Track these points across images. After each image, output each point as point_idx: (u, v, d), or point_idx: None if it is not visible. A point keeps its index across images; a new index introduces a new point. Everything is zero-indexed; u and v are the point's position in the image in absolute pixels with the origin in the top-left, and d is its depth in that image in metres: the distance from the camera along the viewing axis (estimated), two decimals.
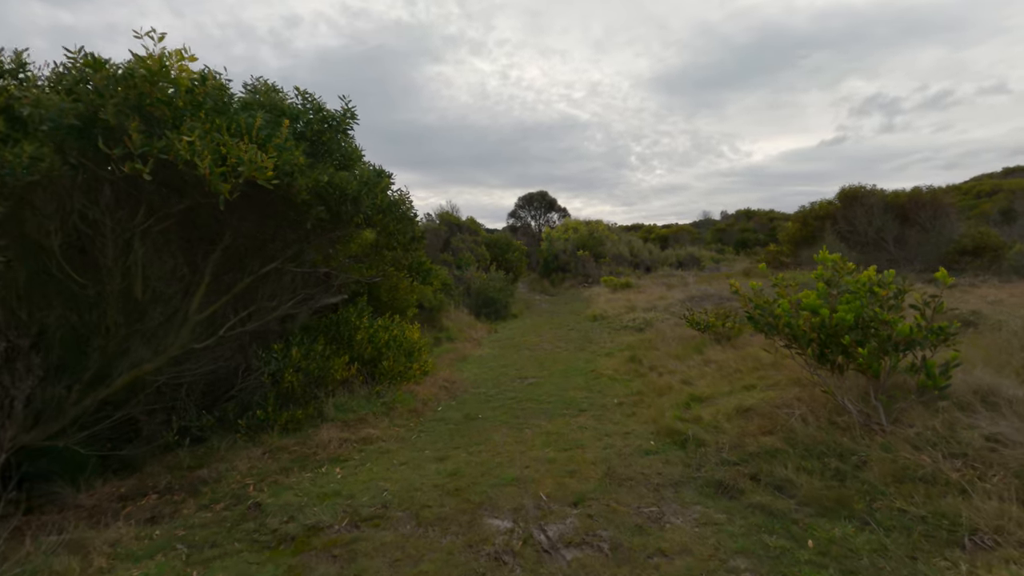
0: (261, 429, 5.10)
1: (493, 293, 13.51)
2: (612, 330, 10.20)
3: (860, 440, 3.49)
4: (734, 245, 31.64)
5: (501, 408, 5.73)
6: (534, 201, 37.61)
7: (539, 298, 18.55)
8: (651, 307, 11.63)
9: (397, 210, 5.29)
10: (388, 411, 5.65)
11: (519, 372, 7.41)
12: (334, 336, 6.63)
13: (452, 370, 7.78)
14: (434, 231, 15.74)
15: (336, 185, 4.86)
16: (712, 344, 6.84)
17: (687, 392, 5.08)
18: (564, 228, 24.59)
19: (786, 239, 17.96)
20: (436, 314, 11.50)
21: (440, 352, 9.14)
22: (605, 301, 14.06)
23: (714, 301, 10.81)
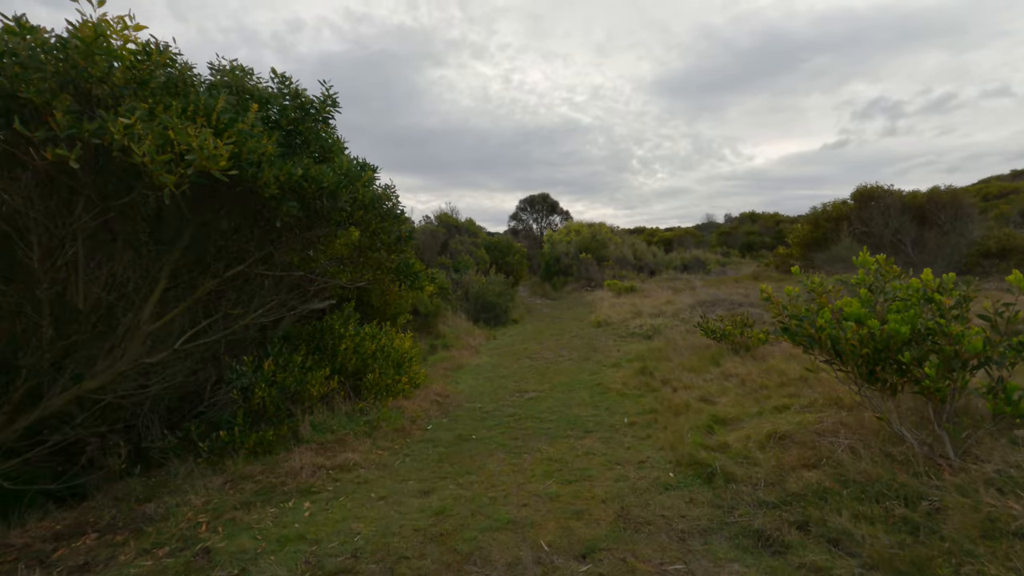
0: (225, 452, 4.52)
1: (492, 298, 12.94)
2: (618, 337, 9.61)
3: (926, 479, 2.89)
4: (740, 248, 31.04)
5: (498, 427, 5.14)
6: (536, 203, 37.07)
7: (540, 302, 17.96)
8: (658, 313, 11.04)
9: (381, 206, 4.72)
10: (371, 431, 5.07)
11: (518, 384, 6.82)
12: (317, 346, 6.08)
13: (446, 382, 7.20)
14: (431, 233, 15.19)
15: (311, 178, 4.30)
16: (730, 355, 6.25)
17: (708, 412, 4.48)
18: (566, 231, 24.01)
19: (796, 241, 17.36)
20: (432, 320, 10.93)
21: (434, 361, 8.56)
22: (609, 306, 13.47)
23: (726, 307, 10.22)
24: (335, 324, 6.22)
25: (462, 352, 9.34)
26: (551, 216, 37.78)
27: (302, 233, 4.75)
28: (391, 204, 5.04)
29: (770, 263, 18.43)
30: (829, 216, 15.69)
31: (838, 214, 15.32)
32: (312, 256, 5.56)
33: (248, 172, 3.75)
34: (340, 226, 5.00)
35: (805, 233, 16.69)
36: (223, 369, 5.15)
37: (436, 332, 10.66)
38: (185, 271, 4.31)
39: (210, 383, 5.17)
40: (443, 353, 9.14)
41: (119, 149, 3.16)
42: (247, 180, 3.84)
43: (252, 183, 3.88)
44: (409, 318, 9.55)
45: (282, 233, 4.50)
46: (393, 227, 4.97)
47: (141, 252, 4.10)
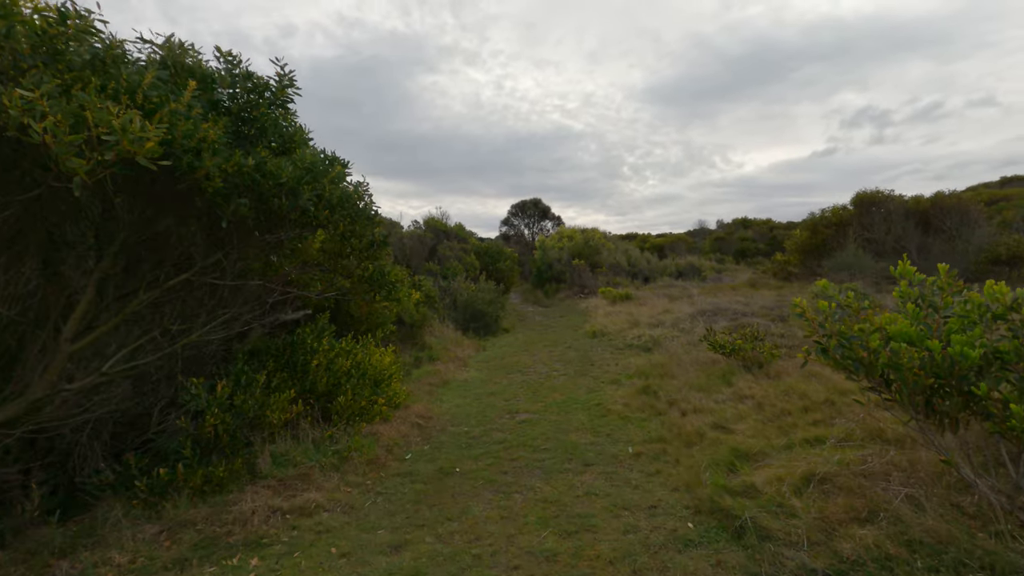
0: (167, 492, 3.87)
1: (482, 306, 12.33)
2: (615, 349, 9.03)
3: (1012, 541, 2.33)
4: (733, 254, 30.69)
5: (485, 457, 4.53)
6: (527, 209, 36.59)
7: (532, 310, 17.38)
8: (657, 322, 10.49)
9: (351, 206, 4.12)
10: (341, 463, 4.43)
11: (509, 404, 6.21)
12: (287, 362, 5.45)
13: (430, 400, 6.57)
14: (419, 238, 14.56)
15: (267, 172, 3.69)
16: (741, 372, 5.69)
17: (726, 443, 3.90)
18: (559, 236, 23.48)
19: (794, 248, 16.94)
20: (417, 330, 10.30)
21: (419, 376, 7.93)
22: (604, 315, 12.91)
23: (728, 317, 9.69)
24: (307, 338, 5.60)
25: (449, 365, 8.72)
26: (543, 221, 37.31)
27: (260, 236, 4.12)
28: (364, 204, 4.44)
29: (767, 270, 18.01)
30: (828, 222, 15.29)
31: (838, 220, 14.91)
32: (276, 263, 4.94)
33: (184, 161, 3.13)
34: (308, 229, 4.38)
35: (803, 240, 16.27)
36: (178, 390, 4.52)
37: (422, 343, 10.03)
38: (116, 281, 3.67)
39: (159, 406, 4.53)
40: (428, 367, 8.52)
41: (16, 128, 2.55)
42: (183, 171, 3.23)
43: (190, 175, 3.27)
44: (393, 329, 8.92)
45: (234, 236, 3.88)
46: (365, 230, 4.36)
47: (60, 259, 3.46)
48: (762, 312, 9.86)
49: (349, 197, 4.09)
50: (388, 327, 8.82)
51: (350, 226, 4.22)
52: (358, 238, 4.28)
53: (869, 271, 10.52)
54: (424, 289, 11.58)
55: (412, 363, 8.83)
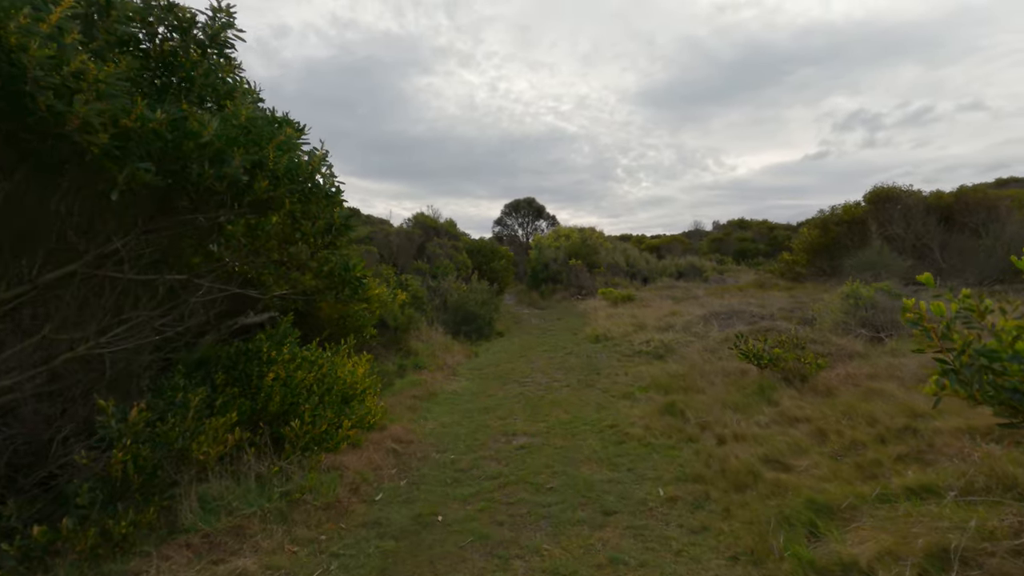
0: (46, 554, 2.89)
1: (474, 307, 11.38)
2: (622, 356, 8.11)
3: None
4: (733, 255, 29.93)
5: (476, 499, 3.58)
6: (521, 208, 35.67)
7: (527, 312, 16.45)
8: (665, 326, 9.58)
9: (302, 180, 3.16)
10: (290, 508, 3.47)
11: (504, 423, 5.26)
12: (238, 375, 4.50)
13: (412, 418, 5.62)
14: (407, 235, 13.58)
15: (184, 130, 2.73)
16: (781, 386, 4.77)
17: (792, 488, 2.98)
18: (555, 235, 22.58)
19: (802, 247, 16.11)
20: (402, 335, 9.32)
21: (401, 388, 6.96)
22: (606, 317, 12.00)
23: (746, 320, 8.80)
24: (262, 345, 4.64)
25: (436, 375, 7.76)
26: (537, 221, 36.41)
27: (181, 217, 3.15)
28: (324, 181, 3.48)
29: (774, 271, 17.18)
30: (840, 219, 14.47)
31: (850, 217, 14.10)
32: (217, 253, 3.96)
33: (41, 102, 2.17)
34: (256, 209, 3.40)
35: (813, 239, 15.44)
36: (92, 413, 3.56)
37: (407, 349, 9.06)
38: None
39: (63, 433, 3.56)
40: (413, 376, 7.55)
41: None
42: (48, 120, 2.26)
43: (58, 125, 2.30)
44: (373, 332, 7.95)
45: (136, 215, 2.91)
46: (323, 211, 3.40)
47: None
48: (782, 315, 8.98)
49: (298, 168, 3.13)
50: (368, 331, 7.86)
51: (301, 205, 3.25)
52: (311, 220, 3.32)
53: (896, 270, 9.69)
54: (411, 289, 10.61)
55: (395, 372, 7.86)
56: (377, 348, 9.06)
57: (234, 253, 3.72)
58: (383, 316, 9.20)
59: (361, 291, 3.96)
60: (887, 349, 6.19)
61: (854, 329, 6.85)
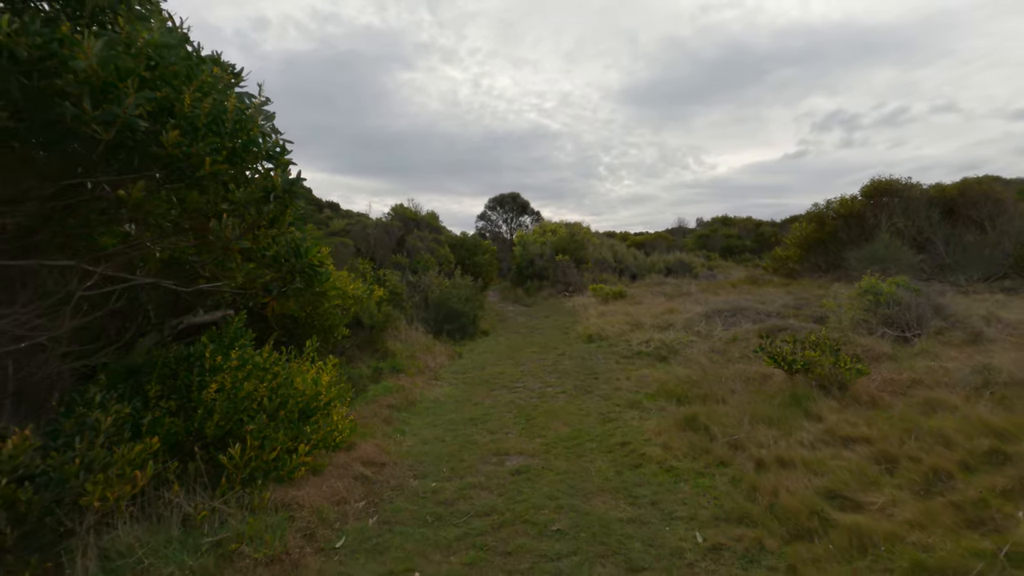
0: None
1: (457, 304, 10.58)
2: (621, 358, 7.41)
3: None
4: (719, 251, 29.59)
5: (462, 545, 2.82)
6: (505, 203, 34.86)
7: (512, 309, 15.70)
8: (664, 324, 8.92)
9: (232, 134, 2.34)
10: (221, 565, 2.66)
11: (495, 439, 4.51)
12: (176, 388, 3.71)
13: (387, 433, 4.83)
14: (385, 227, 12.69)
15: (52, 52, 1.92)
16: (818, 396, 4.11)
17: (875, 537, 2.28)
18: (541, 230, 21.88)
19: (795, 242, 15.66)
20: (379, 334, 8.49)
21: (376, 395, 6.15)
22: (598, 315, 11.32)
23: (751, 318, 8.18)
24: (205, 350, 3.83)
25: (416, 379, 6.96)
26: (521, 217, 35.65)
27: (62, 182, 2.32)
28: (264, 138, 2.67)
29: (767, 266, 16.72)
30: (837, 213, 14.02)
31: (847, 211, 13.65)
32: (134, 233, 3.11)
33: None
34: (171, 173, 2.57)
35: (808, 233, 14.99)
36: None
37: (384, 350, 8.24)
38: None
39: None
40: (390, 381, 6.74)
41: None
42: None
43: None
44: (346, 333, 7.13)
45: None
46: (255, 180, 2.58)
47: None
48: (789, 312, 8.39)
49: (224, 115, 2.32)
50: (340, 331, 7.04)
51: (231, 167, 2.44)
52: (243, 185, 2.50)
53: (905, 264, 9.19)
54: (389, 285, 9.78)
55: (370, 376, 7.04)
56: (351, 349, 8.23)
57: (151, 232, 2.88)
58: (358, 314, 8.37)
59: (318, 282, 3.14)
60: (916, 350, 5.60)
61: (876, 328, 6.25)
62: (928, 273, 9.88)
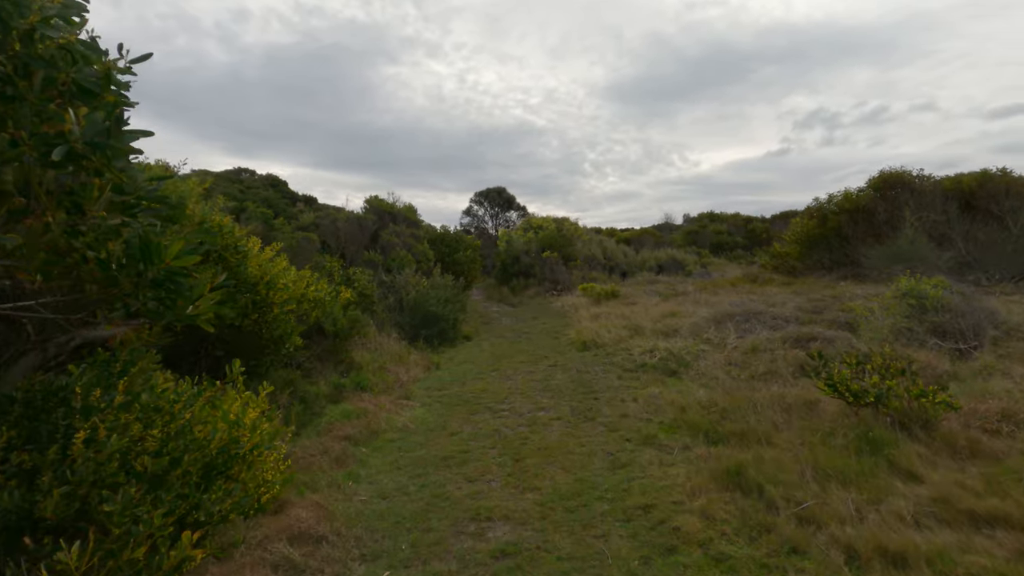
0: None
1: (436, 306, 9.49)
2: (622, 371, 6.41)
3: None
4: (709, 248, 28.85)
5: None
6: (491, 197, 33.76)
7: (497, 310, 14.65)
8: (667, 330, 7.94)
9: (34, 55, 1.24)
10: None
11: (474, 492, 3.46)
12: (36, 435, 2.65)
13: (334, 481, 3.76)
14: (357, 221, 11.52)
15: None
16: (897, 435, 3.13)
17: None
18: (527, 225, 20.85)
19: (795, 239, 14.85)
20: (342, 344, 7.37)
21: (331, 422, 5.06)
22: (590, 317, 10.32)
23: (767, 323, 7.23)
24: (76, 383, 2.76)
25: (382, 399, 5.88)
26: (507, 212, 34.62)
27: None
28: (74, 51, 1.56)
29: (766, 264, 15.90)
30: (840, 208, 13.21)
31: (852, 206, 12.84)
32: None
33: None
34: None
35: (809, 229, 14.18)
36: None
37: (348, 362, 7.13)
38: None
39: None
40: (350, 403, 5.65)
41: None
42: None
43: None
44: (299, 343, 6.01)
45: None
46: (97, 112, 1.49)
47: None
48: (807, 317, 7.47)
49: None
50: (292, 342, 5.93)
51: None
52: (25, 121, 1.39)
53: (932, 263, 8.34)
54: (358, 285, 8.65)
55: (327, 395, 5.94)
56: (310, 362, 7.11)
57: None
58: (319, 320, 7.25)
59: (186, 299, 2.02)
60: (979, 366, 4.68)
61: (923, 338, 5.33)
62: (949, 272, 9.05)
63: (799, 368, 5.21)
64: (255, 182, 25.54)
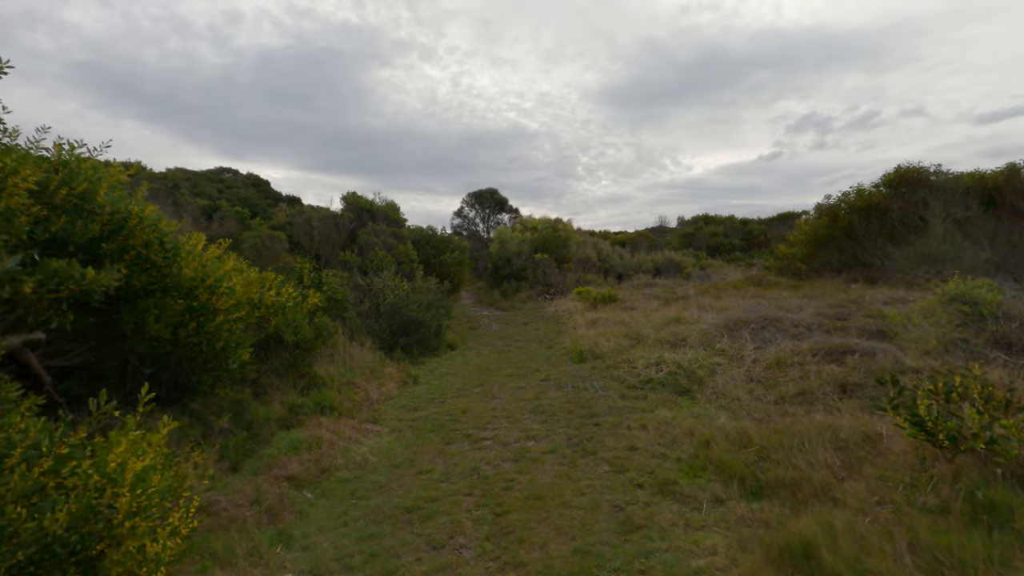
0: None
1: (416, 312, 8.58)
2: (625, 388, 5.54)
3: None
4: (706, 250, 28.12)
5: None
6: (483, 199, 32.89)
7: (487, 314, 13.77)
8: (673, 339, 7.08)
9: None
10: None
11: (440, 568, 2.56)
12: None
13: (254, 548, 2.85)
14: (333, 219, 10.59)
15: None
16: (1014, 492, 2.27)
17: None
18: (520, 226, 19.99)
19: (803, 240, 14.08)
20: (304, 356, 6.44)
21: (275, 455, 4.14)
22: (587, 324, 9.45)
23: (788, 332, 6.39)
24: None
25: (344, 423, 4.97)
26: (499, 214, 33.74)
27: None
28: None
29: (771, 266, 15.10)
30: (852, 206, 12.44)
31: (866, 204, 12.08)
32: None
33: None
34: None
35: (818, 228, 13.42)
36: None
37: (311, 377, 6.21)
38: None
39: None
40: (304, 430, 4.74)
41: None
42: None
43: None
44: (246, 358, 5.09)
45: None
46: None
47: None
48: (830, 324, 6.63)
49: None
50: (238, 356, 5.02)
51: None
52: None
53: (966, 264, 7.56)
54: (327, 288, 7.74)
55: (280, 419, 5.02)
56: (268, 376, 6.18)
57: None
58: (279, 328, 6.33)
59: None
60: None
61: (982, 351, 4.50)
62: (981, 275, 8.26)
63: (839, 388, 4.36)
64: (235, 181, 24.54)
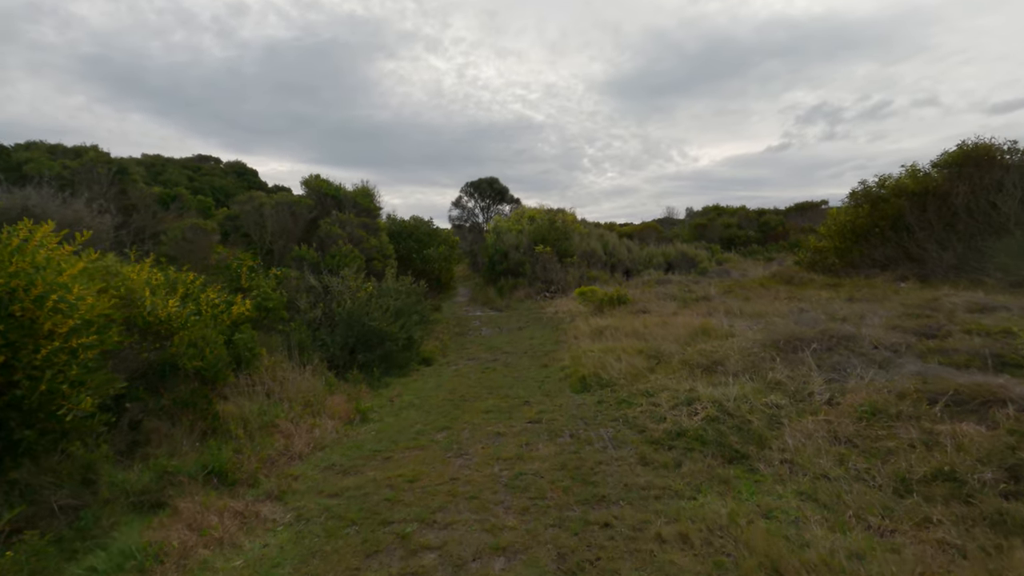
0: None
1: (379, 321, 6.91)
2: (647, 443, 3.85)
3: None
4: (719, 242, 26.29)
5: None
6: (482, 189, 31.08)
7: (480, 315, 12.10)
8: (705, 360, 5.37)
9: None
10: None
11: None
12: None
13: None
14: (289, 207, 8.90)
15: None
16: None
17: None
18: (518, 216, 18.25)
19: (837, 231, 12.29)
20: (206, 389, 4.78)
21: (104, 564, 2.50)
22: (592, 334, 7.76)
23: (863, 354, 4.67)
24: None
25: (226, 506, 3.32)
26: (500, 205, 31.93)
27: None
28: None
29: (801, 260, 13.31)
30: (900, 191, 10.64)
31: (919, 188, 10.28)
32: None
33: None
34: None
35: (854, 218, 11.64)
36: None
37: (212, 417, 4.56)
38: None
39: None
40: (162, 518, 3.09)
41: None
42: None
43: None
44: (88, 407, 3.44)
45: None
46: None
47: None
48: (922, 344, 4.92)
49: None
50: (77, 404, 3.41)
51: None
52: None
53: None
54: (258, 294, 6.08)
55: (141, 492, 3.39)
56: (154, 417, 4.56)
57: None
58: (175, 355, 4.69)
59: None
60: None
61: None
62: None
63: (1004, 470, 2.67)
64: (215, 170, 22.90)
